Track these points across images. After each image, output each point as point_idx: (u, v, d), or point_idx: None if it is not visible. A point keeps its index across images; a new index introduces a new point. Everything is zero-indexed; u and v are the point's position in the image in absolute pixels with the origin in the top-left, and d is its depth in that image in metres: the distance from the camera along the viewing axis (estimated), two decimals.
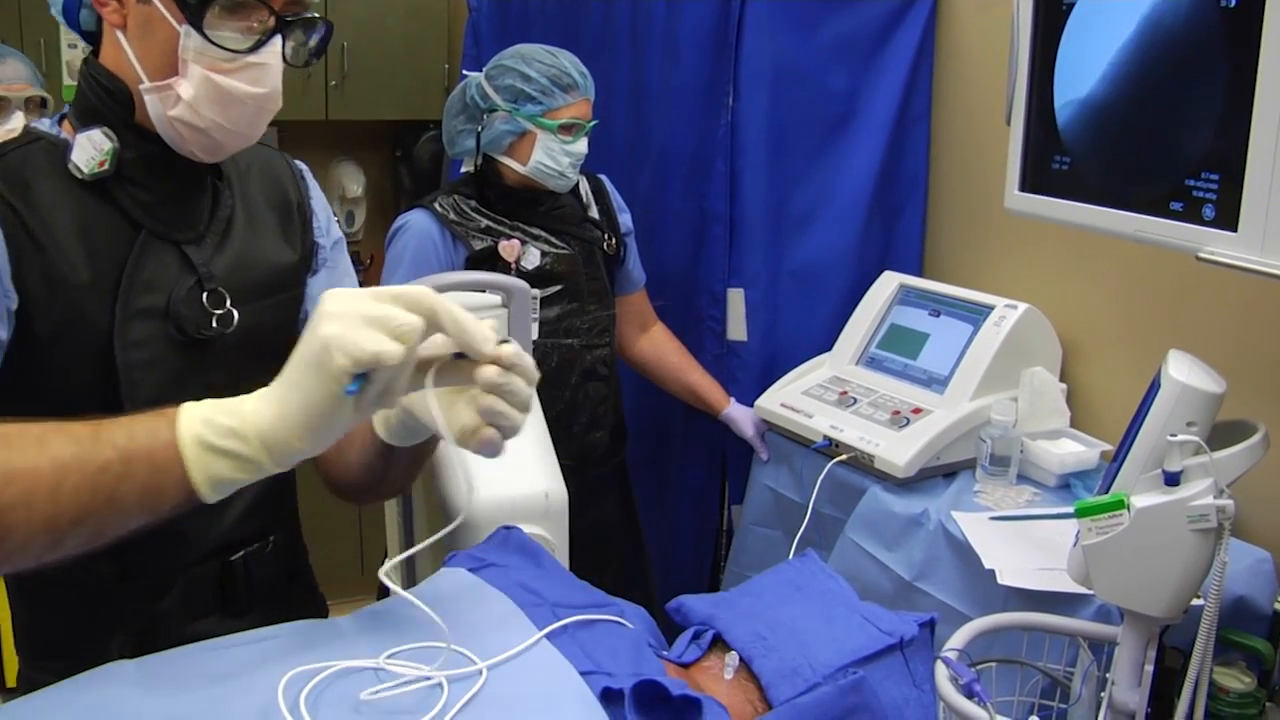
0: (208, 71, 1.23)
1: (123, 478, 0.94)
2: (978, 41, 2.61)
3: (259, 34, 1.25)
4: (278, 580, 1.48)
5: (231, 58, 1.24)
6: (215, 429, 0.94)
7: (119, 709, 1.02)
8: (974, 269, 2.65)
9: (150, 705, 1.02)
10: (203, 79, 1.23)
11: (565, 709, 0.98)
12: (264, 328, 1.32)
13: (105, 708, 1.02)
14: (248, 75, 1.25)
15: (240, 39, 1.24)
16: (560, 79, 2.39)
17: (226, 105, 1.25)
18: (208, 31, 1.22)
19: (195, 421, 0.95)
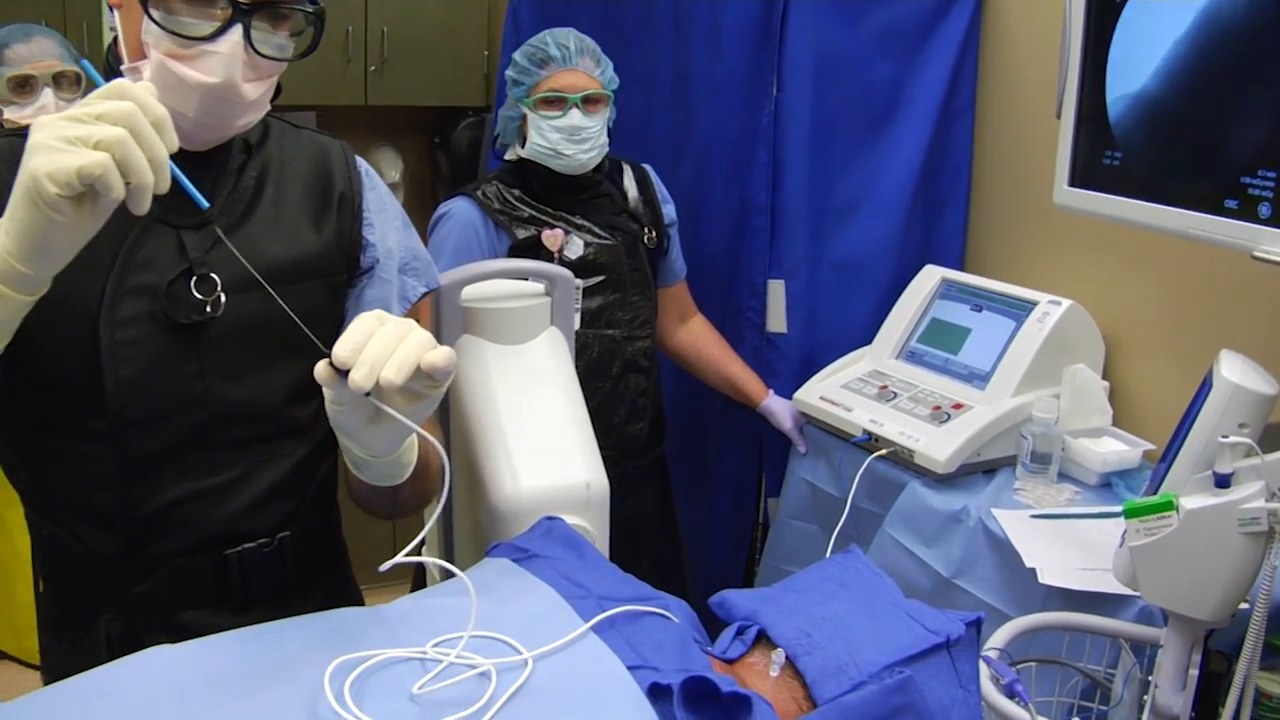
0: (163, 56, 1.22)
1: None
2: (1025, 34, 2.58)
3: (220, 22, 1.22)
4: (289, 580, 1.46)
5: (185, 44, 1.21)
6: None
7: (161, 696, 1.02)
8: (1017, 264, 2.63)
9: (194, 693, 1.02)
10: (159, 64, 1.22)
11: (613, 704, 0.97)
12: (269, 315, 1.28)
13: (147, 694, 1.02)
14: (202, 64, 1.22)
15: (199, 25, 1.22)
16: (536, 54, 2.39)
17: (182, 93, 1.23)
18: (156, 14, 1.20)
19: None
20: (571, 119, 2.35)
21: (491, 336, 1.63)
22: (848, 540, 2.27)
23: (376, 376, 1.02)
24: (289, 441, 1.41)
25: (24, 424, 1.34)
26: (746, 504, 2.93)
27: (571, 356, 1.68)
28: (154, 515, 1.34)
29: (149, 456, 1.32)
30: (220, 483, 1.36)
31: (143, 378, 1.28)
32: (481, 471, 1.51)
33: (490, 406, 1.55)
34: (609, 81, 2.42)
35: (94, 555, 1.36)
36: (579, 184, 2.44)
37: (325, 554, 1.55)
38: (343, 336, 1.04)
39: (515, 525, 1.45)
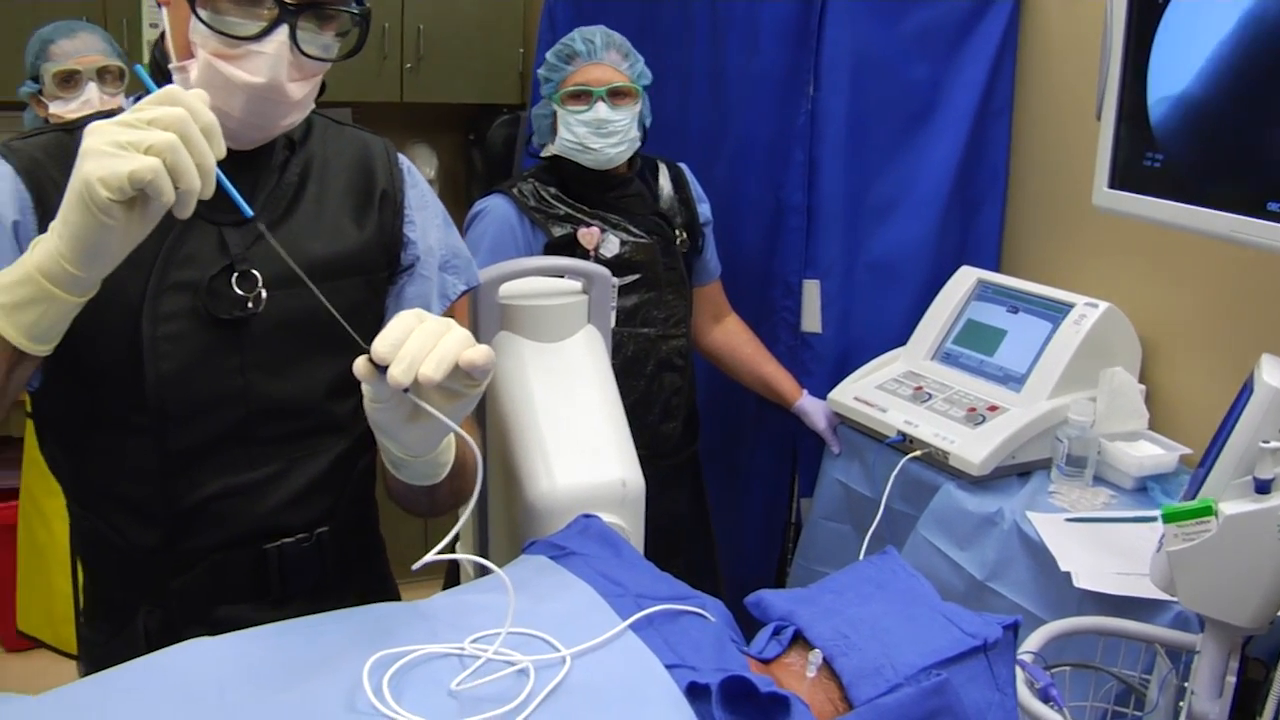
0: (210, 56, 1.23)
1: None
2: (1065, 34, 2.57)
3: (266, 22, 1.23)
4: (326, 575, 1.47)
5: (232, 44, 1.22)
6: (3, 287, 1.06)
7: (201, 688, 1.03)
8: (1054, 265, 2.61)
9: (234, 685, 1.03)
10: (205, 63, 1.23)
11: (651, 703, 0.98)
12: (310, 311, 1.27)
13: (187, 686, 1.03)
14: (248, 64, 1.23)
15: (245, 25, 1.22)
16: (563, 51, 2.40)
17: (228, 93, 1.24)
18: (203, 14, 1.21)
19: None
20: (597, 112, 2.35)
21: (529, 334, 1.63)
22: (881, 542, 2.26)
23: (415, 372, 1.02)
24: (328, 437, 1.42)
25: (67, 418, 1.35)
26: (779, 504, 2.93)
27: (609, 355, 1.69)
28: (193, 509, 1.35)
29: (189, 451, 1.33)
30: (259, 478, 1.37)
31: (183, 373, 1.29)
32: (517, 468, 1.52)
33: (527, 404, 1.56)
34: (638, 76, 2.42)
35: (133, 548, 1.37)
36: (610, 181, 2.45)
37: (362, 550, 1.56)
38: (382, 333, 1.04)
39: (551, 522, 1.45)
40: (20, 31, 3.00)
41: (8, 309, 1.04)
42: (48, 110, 2.63)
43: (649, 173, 2.55)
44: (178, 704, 1.00)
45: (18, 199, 1.23)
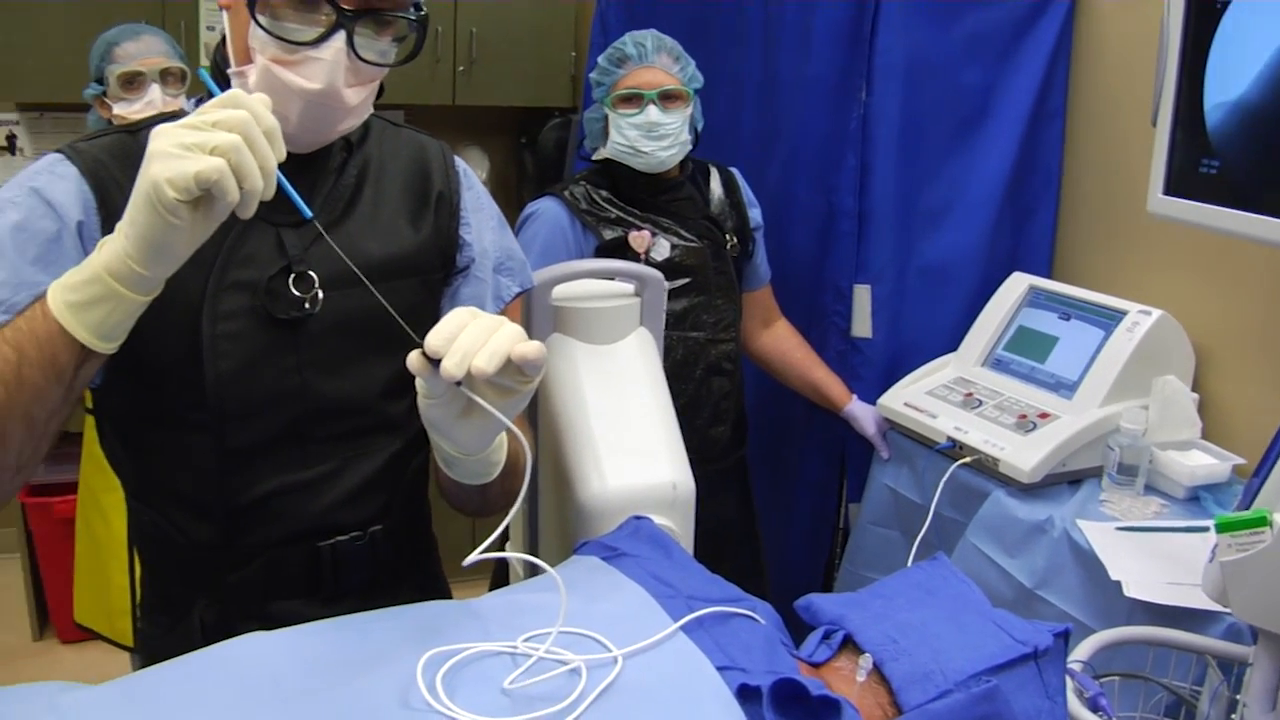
0: (269, 62, 1.24)
1: (23, 363, 1.08)
2: (1120, 39, 2.55)
3: (324, 28, 1.24)
4: (379, 572, 1.48)
5: (290, 49, 1.24)
6: (71, 286, 1.07)
7: (258, 681, 1.04)
8: (1106, 272, 2.60)
9: (289, 679, 1.04)
10: (264, 69, 1.25)
11: (702, 704, 0.98)
12: (366, 312, 1.29)
13: (244, 679, 1.05)
14: (306, 70, 1.24)
15: (304, 31, 1.24)
16: (614, 55, 2.42)
17: (286, 98, 1.25)
18: (263, 19, 1.23)
19: (58, 289, 1.08)
20: (649, 115, 2.36)
21: (581, 336, 1.64)
22: (929, 548, 2.26)
23: (468, 365, 1.03)
24: (383, 436, 1.43)
25: (128, 414, 1.38)
26: (827, 509, 2.93)
27: (660, 358, 1.69)
28: (250, 506, 1.37)
29: (246, 449, 1.34)
30: (315, 476, 1.39)
31: (242, 371, 1.31)
32: (569, 469, 1.53)
33: (579, 405, 1.57)
34: (689, 79, 2.43)
35: (191, 543, 1.39)
36: (661, 185, 2.46)
37: (415, 548, 1.57)
38: (435, 328, 1.06)
39: (601, 524, 1.46)
40: (83, 36, 3.06)
41: (75, 307, 1.06)
42: (111, 111, 2.67)
43: (700, 177, 2.56)
44: (235, 696, 1.02)
45: (82, 200, 1.25)
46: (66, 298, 1.07)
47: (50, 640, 4.02)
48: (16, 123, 4.19)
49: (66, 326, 1.06)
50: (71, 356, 1.08)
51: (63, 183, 1.26)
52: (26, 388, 1.08)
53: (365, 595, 1.43)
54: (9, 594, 4.10)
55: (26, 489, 3.55)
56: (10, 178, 1.66)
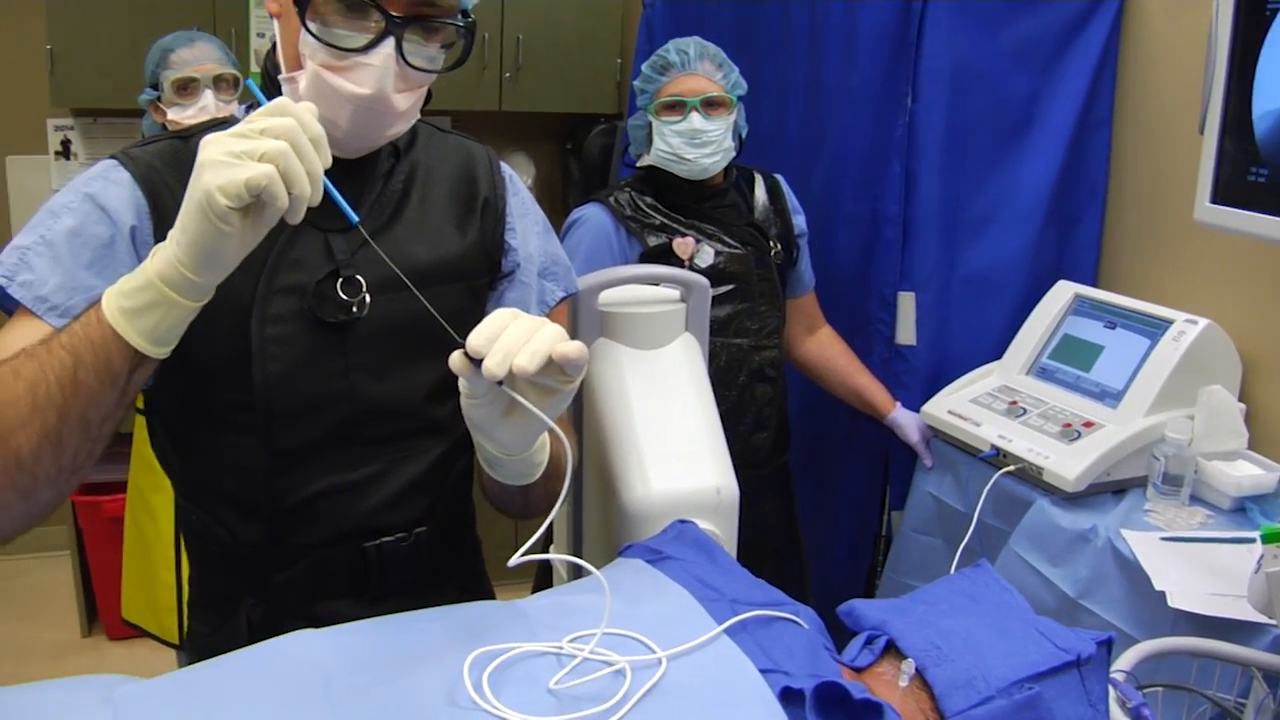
0: (319, 68, 1.26)
1: (79, 367, 1.09)
2: (1167, 47, 2.54)
3: (374, 34, 1.25)
4: (424, 573, 1.49)
5: (340, 55, 1.25)
6: (125, 292, 1.09)
7: (307, 678, 1.06)
8: (1153, 281, 2.58)
9: (338, 676, 1.06)
10: (314, 75, 1.26)
11: (745, 706, 0.99)
12: (412, 316, 1.31)
13: (295, 676, 1.06)
14: (355, 75, 1.26)
15: (353, 37, 1.25)
16: (658, 62, 2.43)
17: (335, 104, 1.26)
18: (313, 26, 1.24)
19: (112, 295, 1.10)
20: (691, 122, 2.38)
21: (627, 341, 1.66)
22: (972, 556, 2.25)
23: (509, 364, 1.04)
24: (428, 439, 1.45)
25: (178, 416, 1.40)
26: (869, 516, 2.92)
27: (705, 363, 1.70)
28: (297, 507, 1.39)
29: (294, 450, 1.36)
30: (361, 477, 1.40)
31: (290, 373, 1.33)
32: (613, 473, 1.54)
33: (624, 409, 1.58)
34: (732, 86, 2.44)
35: (239, 543, 1.41)
36: (705, 191, 2.47)
37: (459, 550, 1.59)
38: (477, 328, 1.07)
39: (645, 527, 1.47)
40: (135, 44, 3.11)
41: (129, 313, 1.08)
42: (165, 116, 2.71)
43: (745, 183, 2.57)
44: (285, 691, 1.04)
45: (135, 205, 1.28)
46: (120, 304, 1.09)
47: (98, 637, 4.08)
48: (71, 128, 4.26)
49: (120, 332, 1.08)
50: (125, 361, 1.10)
51: (116, 188, 1.28)
52: (82, 391, 1.09)
53: (410, 596, 1.44)
54: (59, 591, 4.16)
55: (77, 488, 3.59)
56: (65, 181, 1.70)
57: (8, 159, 4.28)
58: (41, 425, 1.09)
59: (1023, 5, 2.59)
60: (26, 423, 1.08)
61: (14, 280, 1.22)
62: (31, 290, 1.22)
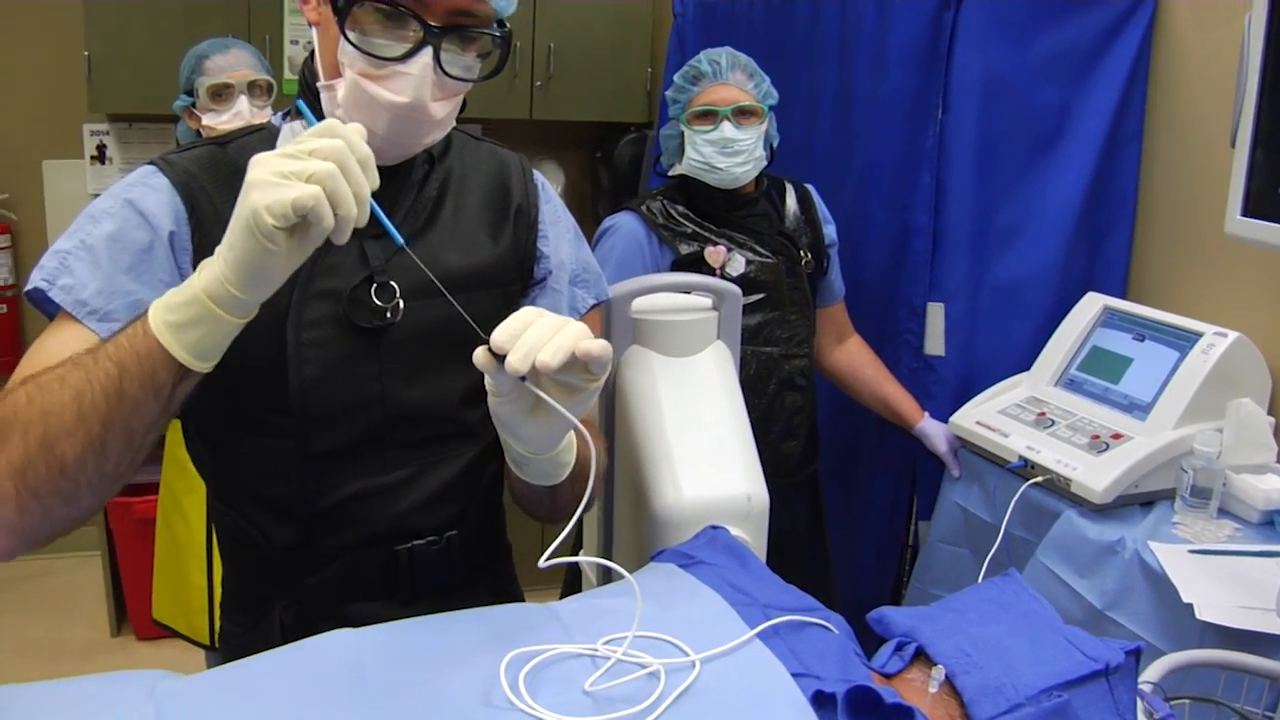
0: (357, 76, 1.27)
1: (124, 378, 1.10)
2: (1199, 60, 2.54)
3: (412, 43, 1.27)
4: (455, 576, 1.51)
5: (378, 64, 1.27)
6: (171, 307, 1.10)
7: (344, 676, 1.08)
8: (1182, 293, 2.58)
9: (374, 674, 1.08)
10: (352, 83, 1.28)
11: (777, 709, 1.00)
12: (446, 322, 1.33)
13: (333, 674, 1.08)
14: (393, 84, 1.27)
15: (391, 46, 1.26)
16: (689, 72, 2.45)
17: (373, 112, 1.28)
18: (352, 35, 1.26)
19: (159, 309, 1.11)
20: (723, 132, 2.39)
21: (659, 348, 1.67)
22: (999, 567, 2.25)
23: (532, 360, 1.06)
24: (460, 443, 1.46)
25: (214, 419, 1.42)
26: (897, 526, 2.92)
27: (737, 371, 1.72)
28: (331, 509, 1.41)
29: (328, 453, 1.38)
30: (394, 481, 1.42)
31: (325, 378, 1.35)
32: (645, 479, 1.55)
33: (656, 416, 1.59)
34: (764, 96, 2.45)
35: (272, 545, 1.43)
36: (736, 200, 2.48)
37: (490, 553, 1.60)
38: (502, 324, 1.09)
39: (676, 533, 1.49)
40: (170, 50, 3.14)
41: (175, 328, 1.10)
42: (200, 122, 2.75)
43: (776, 193, 2.58)
44: (324, 688, 1.06)
45: (174, 210, 1.30)
46: (166, 318, 1.10)
47: (127, 637, 4.12)
48: (107, 133, 4.31)
49: (166, 346, 1.10)
50: (170, 374, 1.11)
51: (155, 194, 1.30)
52: (127, 401, 1.11)
53: (441, 598, 1.45)
54: (89, 591, 4.20)
55: None
56: (100, 185, 1.72)
57: (44, 163, 4.33)
58: (86, 433, 1.10)
59: (1054, 17, 2.60)
60: (72, 431, 1.10)
61: (55, 284, 1.24)
62: (71, 294, 1.24)
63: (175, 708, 1.03)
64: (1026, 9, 2.57)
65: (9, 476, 1.11)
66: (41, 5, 4.21)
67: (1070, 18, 2.60)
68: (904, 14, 2.64)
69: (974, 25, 2.55)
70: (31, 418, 1.11)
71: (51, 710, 1.04)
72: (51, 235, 4.31)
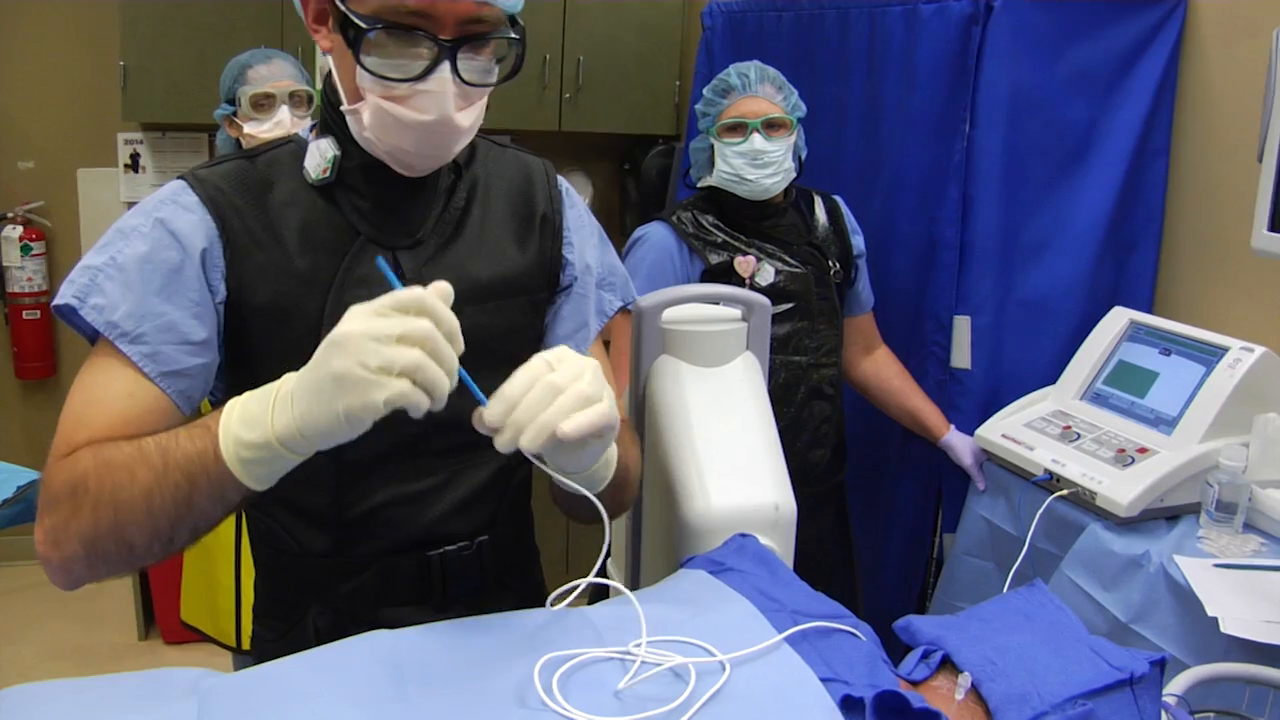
0: (380, 100, 1.27)
1: (194, 491, 1.14)
2: (1226, 75, 2.55)
3: (428, 60, 1.26)
4: (486, 581, 1.53)
5: (398, 86, 1.26)
6: (246, 445, 1.12)
7: (381, 676, 1.10)
8: (1209, 308, 2.59)
9: (411, 675, 1.10)
10: (376, 107, 1.28)
11: (806, 712, 1.02)
12: (478, 330, 1.31)
13: (370, 674, 1.10)
14: (416, 103, 1.27)
15: (408, 66, 1.26)
16: (719, 85, 2.47)
17: (400, 132, 1.29)
18: (366, 60, 1.25)
19: (230, 443, 1.12)
20: (753, 144, 2.42)
21: (689, 358, 1.69)
22: (1023, 579, 2.26)
23: (516, 444, 1.11)
24: (489, 450, 1.46)
25: None
26: (921, 538, 2.93)
27: (765, 382, 1.73)
28: (364, 517, 1.43)
29: (362, 462, 1.40)
30: (425, 488, 1.44)
31: None
32: (674, 487, 1.57)
33: (685, 425, 1.61)
34: (793, 108, 2.47)
35: (306, 552, 1.46)
36: (766, 211, 2.50)
37: (519, 558, 1.62)
38: (500, 390, 1.13)
39: (704, 541, 1.50)
40: (204, 61, 3.18)
41: (247, 463, 1.12)
42: (241, 131, 2.77)
43: (804, 204, 2.60)
44: (362, 688, 1.08)
45: (205, 229, 1.32)
46: (241, 454, 1.12)
47: (155, 640, 4.16)
48: (140, 142, 4.36)
49: (238, 476, 1.13)
50: (238, 494, 1.15)
51: (187, 214, 1.32)
52: (195, 511, 1.15)
53: (472, 603, 1.47)
54: (117, 594, 4.24)
55: None
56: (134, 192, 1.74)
57: (79, 171, 4.39)
58: (154, 528, 1.16)
59: (1082, 32, 2.61)
60: (140, 524, 1.15)
61: (86, 303, 1.25)
62: (103, 315, 1.25)
63: (217, 703, 1.05)
64: (1055, 23, 2.58)
65: (79, 542, 1.16)
66: (78, 15, 4.28)
67: (1098, 32, 2.61)
68: (932, 28, 2.66)
69: (1002, 39, 2.56)
70: (102, 498, 1.15)
71: (95, 704, 1.07)
72: (85, 243, 4.37)
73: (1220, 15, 2.57)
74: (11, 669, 3.83)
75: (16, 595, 4.39)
